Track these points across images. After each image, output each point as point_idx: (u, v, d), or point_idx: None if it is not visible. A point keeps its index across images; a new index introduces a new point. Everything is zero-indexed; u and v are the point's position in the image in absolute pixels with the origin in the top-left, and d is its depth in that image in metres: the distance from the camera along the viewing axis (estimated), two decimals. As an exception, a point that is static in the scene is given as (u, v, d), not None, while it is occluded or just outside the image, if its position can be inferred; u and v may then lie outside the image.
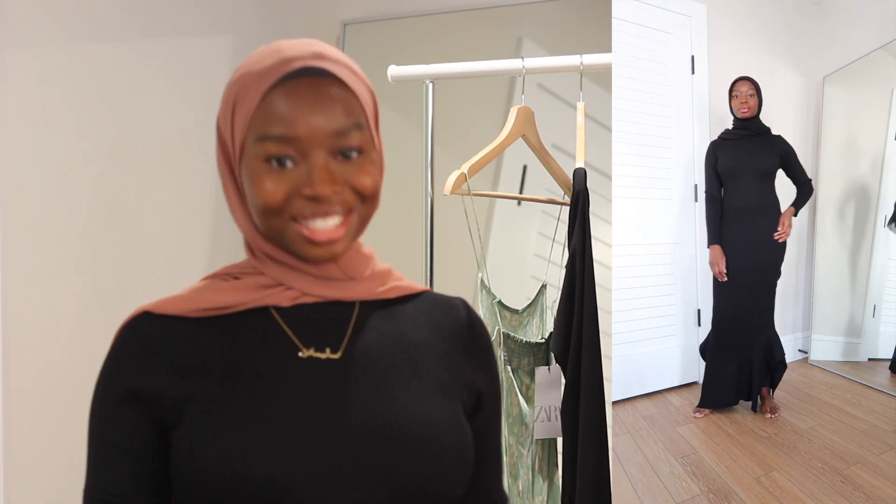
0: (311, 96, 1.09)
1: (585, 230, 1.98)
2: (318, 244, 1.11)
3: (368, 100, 1.14)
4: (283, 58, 1.10)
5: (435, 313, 1.24)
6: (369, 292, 1.19)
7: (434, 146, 2.29)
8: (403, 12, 3.02)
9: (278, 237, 1.12)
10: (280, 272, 1.16)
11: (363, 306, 1.19)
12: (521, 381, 2.10)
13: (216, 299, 1.14)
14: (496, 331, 2.06)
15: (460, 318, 1.24)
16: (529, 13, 2.91)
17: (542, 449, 2.12)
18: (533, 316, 2.20)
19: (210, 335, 1.13)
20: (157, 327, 1.14)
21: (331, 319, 1.16)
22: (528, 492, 2.08)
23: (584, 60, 2.13)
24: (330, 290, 1.17)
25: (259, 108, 1.09)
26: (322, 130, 1.09)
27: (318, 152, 1.09)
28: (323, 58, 1.11)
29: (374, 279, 1.20)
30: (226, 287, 1.16)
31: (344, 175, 1.10)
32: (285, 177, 1.09)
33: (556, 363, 2.06)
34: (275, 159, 1.09)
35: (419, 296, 1.25)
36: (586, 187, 2.00)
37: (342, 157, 1.11)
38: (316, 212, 1.10)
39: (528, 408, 2.10)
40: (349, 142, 1.10)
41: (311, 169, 1.09)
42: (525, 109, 2.18)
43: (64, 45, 2.35)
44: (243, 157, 1.11)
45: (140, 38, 2.55)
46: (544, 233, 2.91)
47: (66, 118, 2.35)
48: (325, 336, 1.15)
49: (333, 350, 1.14)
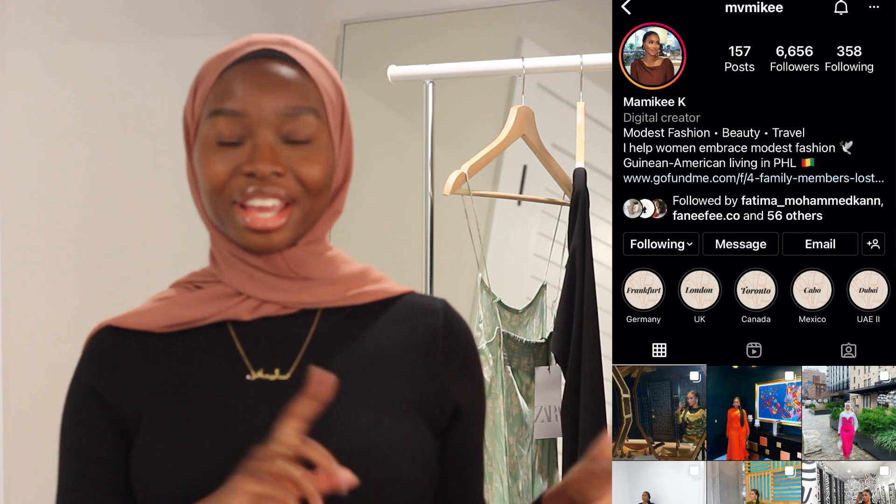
0: (266, 75, 1.08)
1: (585, 230, 1.98)
2: (255, 231, 1.07)
3: (332, 92, 1.12)
4: (248, 41, 1.10)
5: (409, 321, 1.16)
6: (333, 297, 1.13)
7: (434, 146, 2.29)
8: (403, 12, 3.02)
9: (223, 223, 1.10)
10: (233, 276, 1.12)
11: (325, 318, 1.13)
12: (521, 381, 2.10)
13: (177, 314, 1.12)
14: (496, 331, 2.06)
15: (436, 325, 1.16)
16: (529, 13, 2.91)
17: (542, 449, 2.12)
18: (533, 316, 2.20)
19: (168, 352, 1.11)
20: (119, 341, 1.13)
21: (287, 336, 1.12)
22: (528, 492, 2.08)
23: (584, 60, 2.13)
24: (286, 294, 1.12)
25: (216, 83, 1.09)
26: (271, 108, 1.07)
27: (265, 131, 1.07)
28: (287, 45, 1.11)
29: (340, 283, 1.14)
30: (188, 300, 1.13)
31: (289, 160, 1.08)
32: (230, 155, 1.08)
33: (556, 363, 2.07)
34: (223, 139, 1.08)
35: (397, 300, 1.17)
36: (586, 187, 2.01)
37: (293, 143, 1.08)
38: (254, 191, 1.07)
39: (528, 408, 2.10)
40: (300, 126, 1.08)
41: (255, 146, 1.07)
42: (525, 109, 2.19)
43: (64, 44, 2.35)
44: (197, 138, 1.11)
45: (140, 38, 2.55)
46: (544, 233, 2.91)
47: (66, 117, 2.35)
48: (278, 355, 1.11)
49: (283, 371, 1.10)
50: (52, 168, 2.31)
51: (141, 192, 2.55)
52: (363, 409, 1.09)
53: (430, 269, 2.28)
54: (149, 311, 1.13)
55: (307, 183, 1.09)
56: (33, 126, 2.27)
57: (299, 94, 1.09)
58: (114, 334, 1.14)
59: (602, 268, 2.04)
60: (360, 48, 3.05)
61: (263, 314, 1.12)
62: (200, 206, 1.14)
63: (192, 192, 1.15)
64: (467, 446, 1.18)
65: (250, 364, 1.11)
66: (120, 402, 1.10)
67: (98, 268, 2.43)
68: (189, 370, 1.11)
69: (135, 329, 1.13)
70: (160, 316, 1.13)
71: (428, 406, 1.13)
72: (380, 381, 1.12)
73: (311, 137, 1.09)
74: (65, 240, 2.34)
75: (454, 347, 1.16)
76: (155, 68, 2.58)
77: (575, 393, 1.95)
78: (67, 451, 1.13)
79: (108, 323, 1.14)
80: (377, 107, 2.94)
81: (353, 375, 1.11)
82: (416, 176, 2.31)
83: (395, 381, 1.12)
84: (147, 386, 1.11)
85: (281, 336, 1.12)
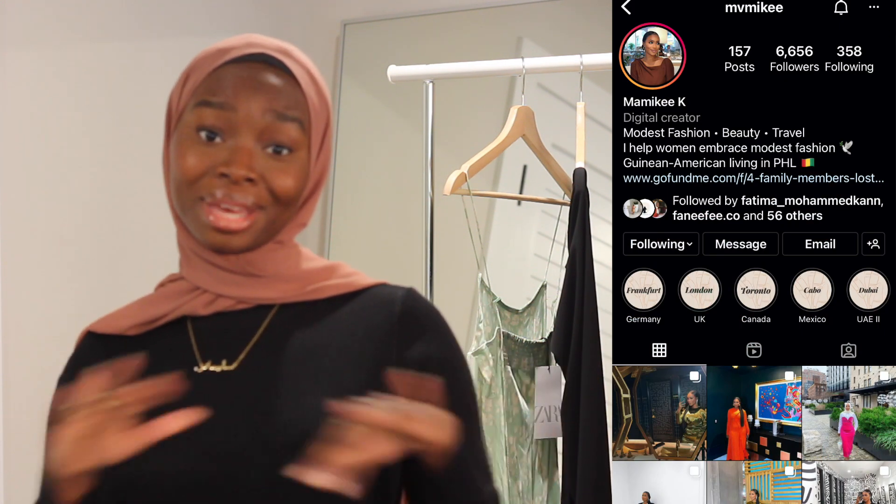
0: (260, 79, 1.09)
1: (585, 230, 1.98)
2: (217, 230, 1.08)
3: (319, 109, 1.13)
4: (248, 42, 1.11)
5: (369, 311, 1.13)
6: (290, 293, 1.13)
7: (434, 146, 2.29)
8: (403, 12, 3.02)
9: (185, 216, 1.11)
10: (191, 268, 1.14)
11: (281, 311, 1.13)
12: (521, 381, 2.10)
13: (142, 314, 1.14)
14: (496, 331, 2.06)
15: (393, 312, 1.12)
16: (529, 13, 2.90)
17: (542, 449, 2.12)
18: (533, 316, 2.20)
19: (133, 353, 1.10)
20: (97, 348, 1.15)
21: (240, 329, 1.12)
22: (528, 492, 2.08)
23: (584, 60, 2.13)
24: (241, 289, 1.12)
25: (208, 77, 1.10)
26: (258, 110, 1.08)
27: (247, 134, 1.08)
28: (286, 53, 1.11)
29: (298, 279, 1.14)
30: (152, 298, 1.16)
31: (264, 168, 1.08)
32: (208, 152, 1.08)
33: (556, 363, 2.07)
34: (205, 131, 1.08)
35: (363, 292, 1.14)
36: (586, 187, 2.00)
37: (272, 151, 1.09)
38: (224, 194, 1.07)
39: (528, 408, 2.10)
40: (282, 134, 1.09)
41: (234, 148, 1.08)
42: (525, 109, 2.18)
43: (64, 44, 2.35)
44: (178, 126, 1.12)
45: (140, 38, 2.55)
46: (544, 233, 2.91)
47: (66, 117, 2.35)
48: (227, 347, 1.11)
49: (229, 362, 1.11)
50: (51, 168, 2.31)
51: (141, 192, 2.55)
52: (306, 395, 1.07)
53: (430, 269, 2.28)
54: (119, 314, 1.17)
55: (278, 193, 1.09)
56: (33, 126, 2.27)
57: (287, 102, 1.10)
58: (90, 340, 1.17)
59: (602, 268, 2.04)
60: (360, 48, 3.04)
61: (219, 309, 1.13)
62: (169, 193, 1.15)
63: (164, 177, 1.17)
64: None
65: (199, 357, 1.12)
66: None
67: (98, 267, 2.43)
68: (148, 368, 1.09)
69: (107, 333, 1.16)
70: (128, 317, 1.15)
71: (382, 390, 1.04)
72: (328, 371, 1.09)
73: (291, 146, 1.10)
74: (64, 239, 2.34)
75: (409, 325, 1.12)
76: (155, 68, 2.58)
77: (575, 393, 1.95)
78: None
79: (88, 328, 1.18)
80: (377, 107, 2.94)
81: (299, 365, 1.10)
82: (416, 176, 2.31)
83: (346, 371, 1.09)
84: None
85: (234, 329, 1.12)
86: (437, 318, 1.15)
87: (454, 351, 1.14)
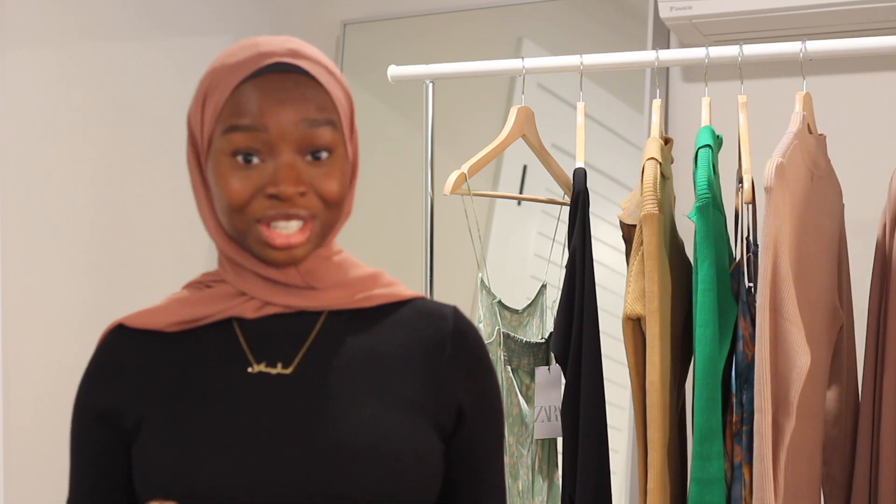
0: (283, 91, 1.07)
1: (585, 230, 1.98)
2: (276, 248, 1.08)
3: (344, 102, 1.12)
4: (259, 52, 1.09)
5: (418, 324, 1.16)
6: (340, 301, 1.14)
7: (434, 146, 2.29)
8: (403, 12, 3.02)
9: (242, 238, 1.10)
10: (239, 279, 1.13)
11: (331, 317, 1.14)
12: (521, 381, 2.10)
13: (185, 312, 1.14)
14: (496, 331, 2.06)
15: (444, 328, 1.15)
16: (529, 13, 2.90)
17: (542, 449, 2.12)
18: (533, 316, 2.20)
19: (176, 350, 1.13)
20: (127, 343, 1.15)
21: (292, 332, 1.13)
22: (528, 492, 2.08)
23: (584, 60, 2.13)
24: (292, 298, 1.13)
25: (229, 99, 1.08)
26: (291, 123, 1.07)
27: (286, 149, 1.07)
28: (298, 55, 1.10)
29: (347, 287, 1.15)
30: (196, 298, 1.14)
31: (311, 177, 1.08)
32: (251, 175, 1.07)
33: (556, 363, 2.07)
34: (241, 154, 1.07)
35: (406, 304, 1.17)
36: (586, 187, 2.00)
37: (311, 157, 1.08)
38: (278, 213, 1.07)
39: (528, 408, 2.10)
40: (319, 139, 1.08)
41: (277, 167, 1.07)
42: (525, 109, 2.18)
43: (64, 44, 2.35)
44: (210, 152, 1.10)
45: (140, 38, 2.55)
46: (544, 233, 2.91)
47: (66, 117, 2.35)
48: (281, 350, 1.12)
49: (285, 365, 1.11)
50: (52, 168, 2.31)
51: (141, 192, 2.56)
52: (365, 406, 1.09)
53: (430, 269, 2.28)
54: (158, 310, 1.15)
55: (327, 198, 1.09)
56: (34, 126, 2.27)
57: (317, 108, 1.09)
58: (122, 334, 1.15)
59: (602, 268, 2.04)
60: (360, 48, 3.04)
61: (268, 312, 1.13)
62: (210, 216, 1.14)
63: (197, 200, 1.15)
64: (475, 453, 1.16)
65: (252, 358, 1.12)
66: (121, 407, 1.13)
67: (98, 267, 2.43)
68: (193, 366, 1.12)
69: (143, 328, 1.15)
70: (168, 314, 1.14)
71: (433, 407, 1.12)
72: (383, 379, 1.12)
73: (329, 148, 1.09)
74: (65, 239, 2.34)
75: (462, 350, 1.16)
76: (155, 68, 2.58)
77: (575, 393, 1.95)
78: (72, 456, 1.16)
79: (120, 321, 1.16)
80: (377, 107, 2.94)
81: (355, 372, 1.11)
82: (416, 176, 2.31)
83: (399, 381, 1.12)
84: (149, 386, 1.12)
85: (285, 332, 1.13)
86: (485, 352, 1.19)
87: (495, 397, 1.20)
